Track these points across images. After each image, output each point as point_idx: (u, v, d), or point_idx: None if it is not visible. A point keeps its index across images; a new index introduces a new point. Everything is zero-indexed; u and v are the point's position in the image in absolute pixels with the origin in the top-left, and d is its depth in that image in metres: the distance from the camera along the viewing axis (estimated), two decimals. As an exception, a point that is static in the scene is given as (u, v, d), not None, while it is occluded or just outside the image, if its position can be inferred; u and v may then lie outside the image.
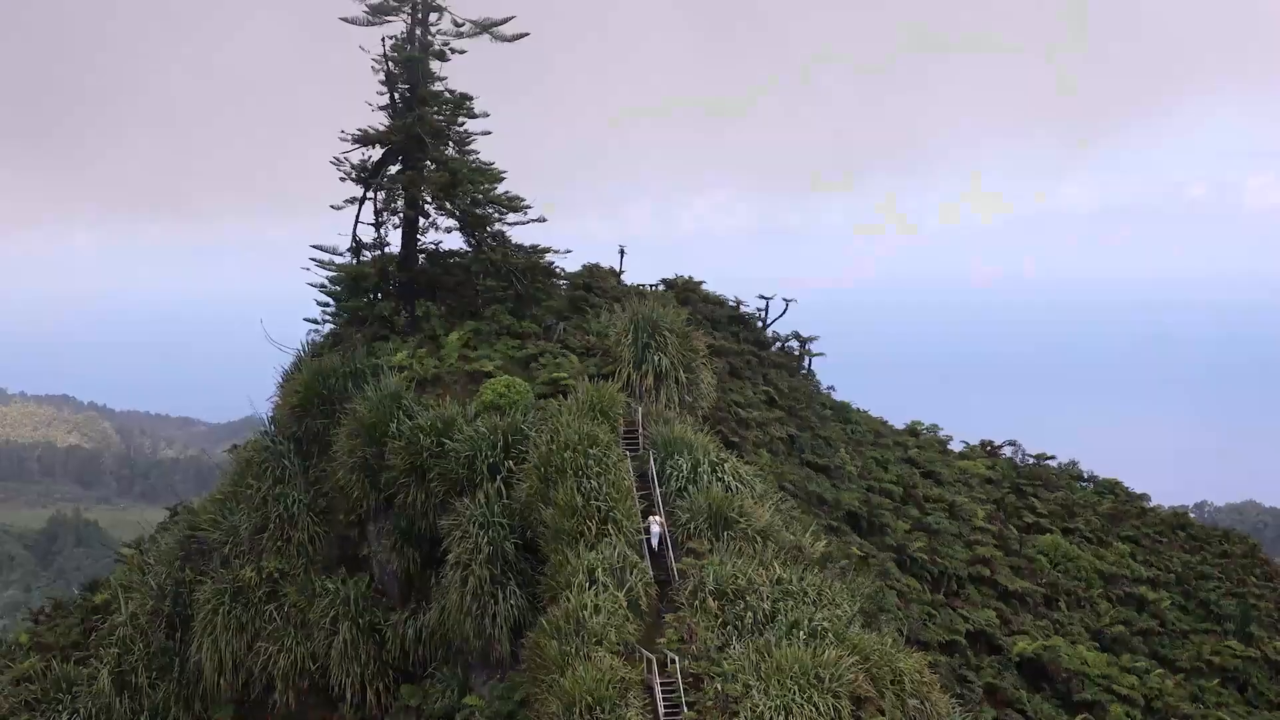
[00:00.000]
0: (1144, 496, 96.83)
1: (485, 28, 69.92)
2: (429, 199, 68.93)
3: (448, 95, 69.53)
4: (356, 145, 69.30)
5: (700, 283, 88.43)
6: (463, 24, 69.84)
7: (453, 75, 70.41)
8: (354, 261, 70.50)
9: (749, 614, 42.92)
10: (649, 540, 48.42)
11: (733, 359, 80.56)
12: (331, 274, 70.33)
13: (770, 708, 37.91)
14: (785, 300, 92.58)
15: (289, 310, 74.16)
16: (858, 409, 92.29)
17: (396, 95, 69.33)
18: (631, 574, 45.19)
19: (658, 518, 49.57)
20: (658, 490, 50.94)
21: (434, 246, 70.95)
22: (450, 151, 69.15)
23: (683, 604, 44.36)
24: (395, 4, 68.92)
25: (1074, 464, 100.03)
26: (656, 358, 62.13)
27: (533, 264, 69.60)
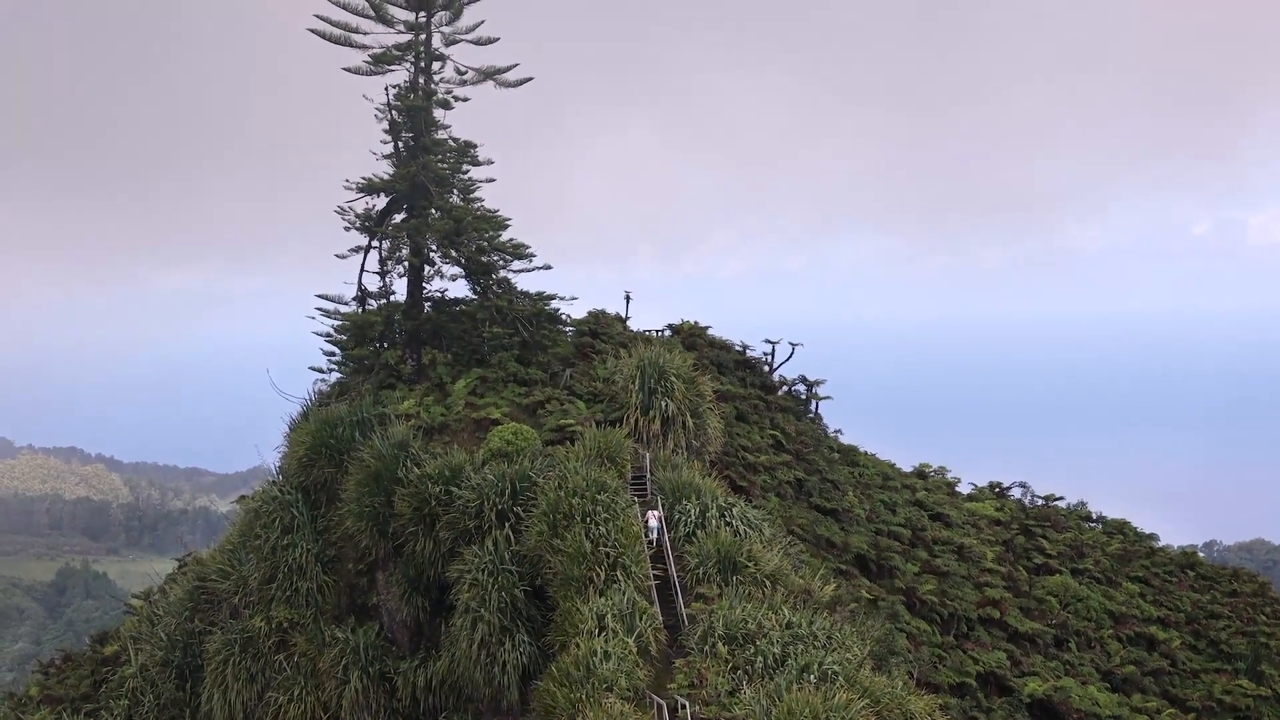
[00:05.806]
0: (1153, 536, 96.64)
1: (489, 75, 70.39)
2: (434, 247, 69.12)
3: (451, 143, 69.92)
4: (361, 194, 69.70)
5: (706, 327, 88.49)
6: (466, 72, 70.33)
7: (471, 120, 70.93)
8: (359, 310, 70.72)
9: (759, 658, 42.72)
10: (648, 535, 49.09)
11: (740, 403, 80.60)
12: (337, 323, 70.55)
13: (781, 752, 37.71)
14: (791, 344, 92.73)
15: (296, 359, 74.34)
16: (865, 452, 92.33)
17: (400, 143, 69.73)
18: (641, 620, 45.09)
19: (655, 512, 50.79)
20: (667, 536, 50.96)
21: (439, 294, 71.02)
22: (455, 199, 69.51)
23: (692, 649, 44.21)
24: (398, 53, 69.47)
25: (1082, 504, 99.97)
26: (663, 403, 62.16)
27: (538, 310, 69.60)
